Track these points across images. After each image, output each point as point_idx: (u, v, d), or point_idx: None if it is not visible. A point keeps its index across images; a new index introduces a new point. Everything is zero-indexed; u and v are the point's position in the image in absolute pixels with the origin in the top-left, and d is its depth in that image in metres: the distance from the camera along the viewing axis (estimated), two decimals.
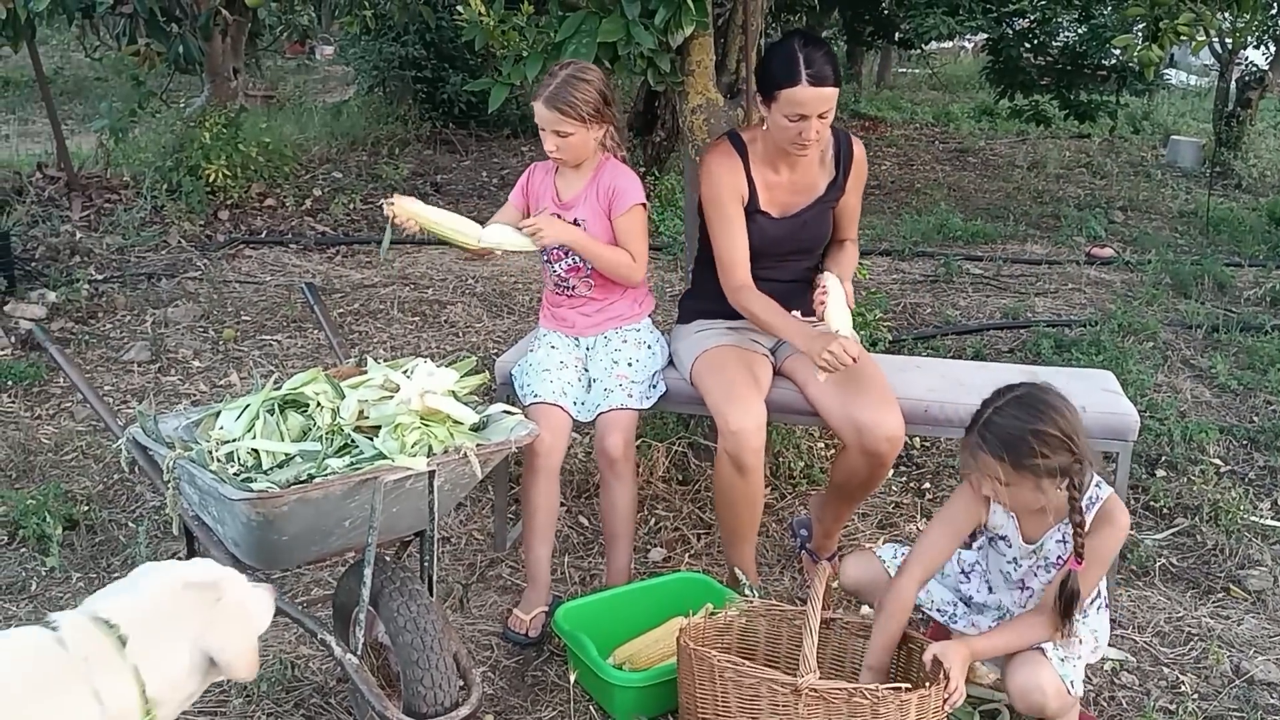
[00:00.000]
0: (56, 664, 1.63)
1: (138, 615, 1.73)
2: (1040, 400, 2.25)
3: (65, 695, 1.61)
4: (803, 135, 2.81)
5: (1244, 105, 9.82)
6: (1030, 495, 2.28)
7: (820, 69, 2.74)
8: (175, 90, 8.79)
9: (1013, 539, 2.44)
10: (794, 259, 3.09)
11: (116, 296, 5.58)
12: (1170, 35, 4.77)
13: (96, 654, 1.66)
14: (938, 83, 16.60)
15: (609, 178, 2.97)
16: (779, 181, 3.01)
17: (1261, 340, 5.16)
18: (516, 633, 2.92)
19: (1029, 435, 2.20)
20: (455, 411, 2.46)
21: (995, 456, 2.23)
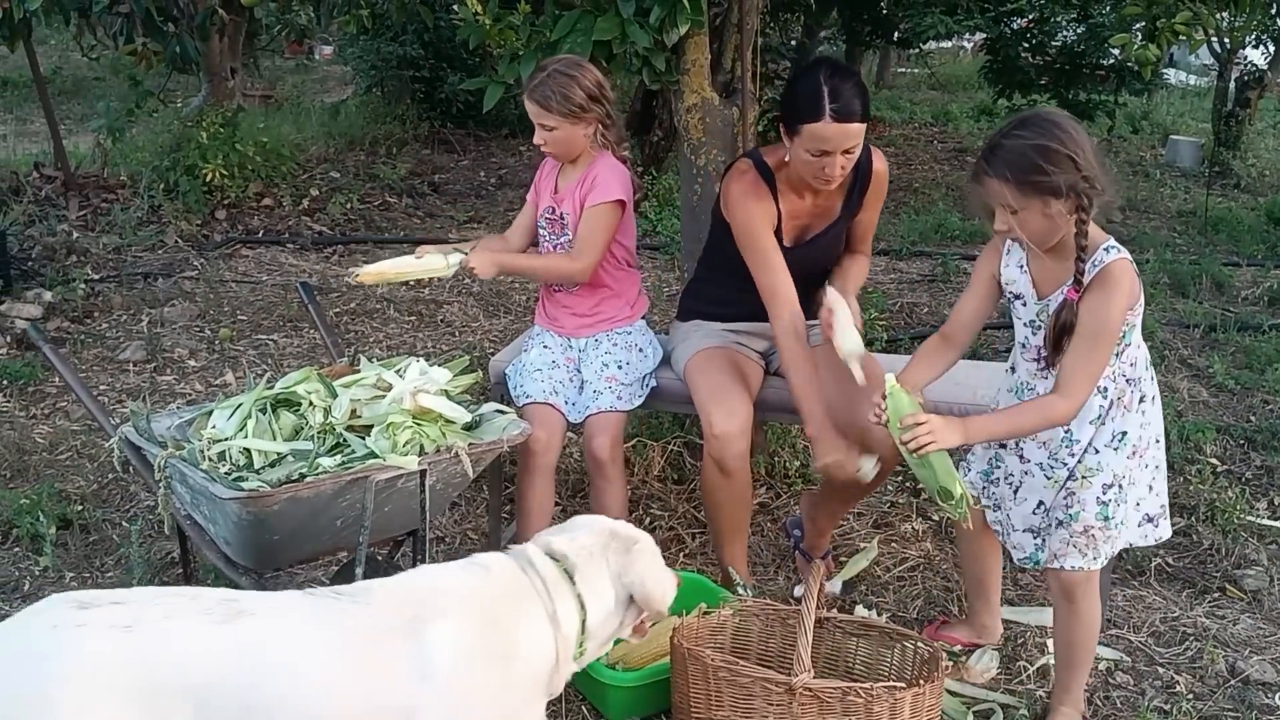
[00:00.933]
0: (522, 582, 1.90)
1: (581, 552, 1.98)
2: (1043, 119, 2.20)
3: (531, 608, 1.88)
4: (826, 171, 2.69)
5: (1243, 105, 9.80)
6: (1040, 221, 2.21)
7: (847, 104, 2.60)
8: (173, 90, 8.79)
9: (1027, 296, 2.36)
10: (807, 280, 2.98)
11: (113, 296, 5.57)
12: (1168, 34, 4.78)
13: (552, 580, 1.93)
14: (937, 82, 16.61)
15: (593, 171, 2.95)
16: (801, 209, 2.91)
17: (1259, 340, 5.15)
18: None
19: (1030, 150, 2.16)
20: (447, 411, 2.46)
21: (1000, 177, 2.19)
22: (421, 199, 8.27)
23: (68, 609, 1.64)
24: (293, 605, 1.77)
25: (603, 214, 2.92)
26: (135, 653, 1.61)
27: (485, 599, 1.86)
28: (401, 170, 8.77)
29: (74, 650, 1.59)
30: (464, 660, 1.78)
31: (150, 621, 1.64)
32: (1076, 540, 2.40)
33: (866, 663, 2.55)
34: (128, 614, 1.64)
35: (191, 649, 1.64)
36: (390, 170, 8.67)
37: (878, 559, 3.30)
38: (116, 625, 1.62)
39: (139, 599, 1.70)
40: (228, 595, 1.75)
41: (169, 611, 1.67)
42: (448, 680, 1.76)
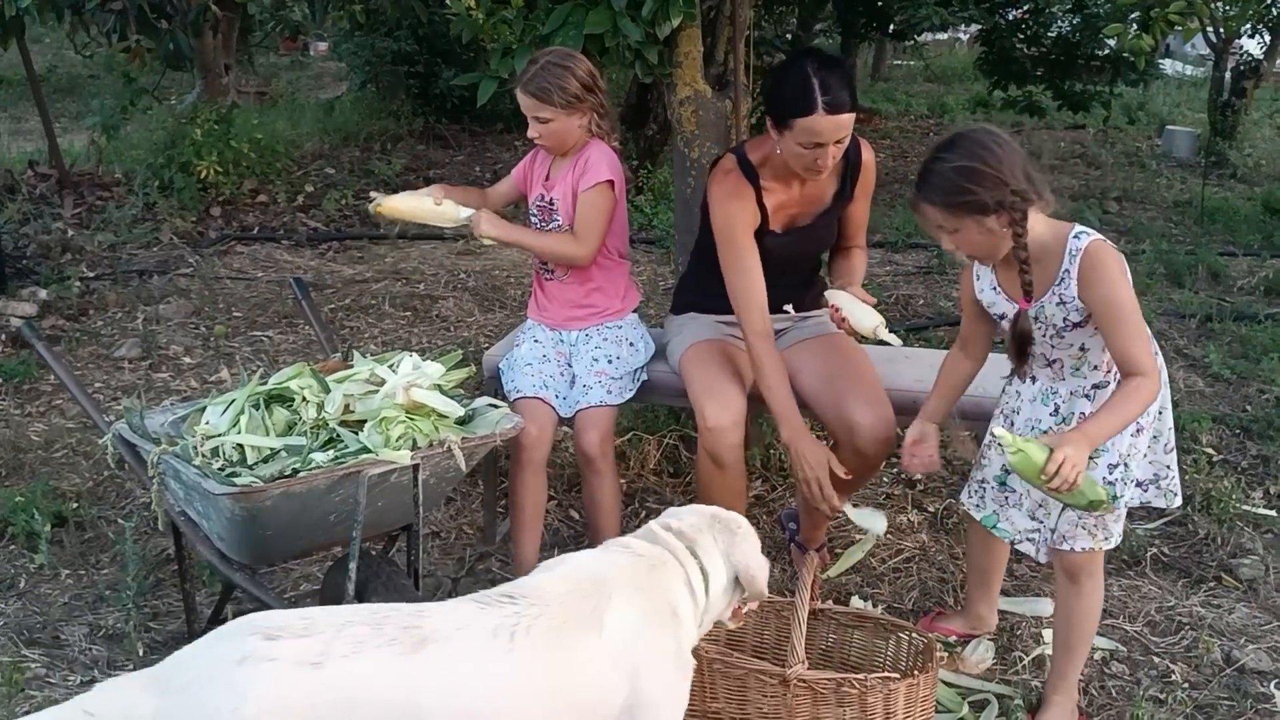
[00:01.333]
0: (662, 554, 2.01)
1: (696, 528, 2.09)
2: (968, 139, 2.23)
3: (675, 576, 1.99)
4: (819, 162, 2.68)
5: (1239, 95, 9.79)
6: (981, 237, 2.25)
7: (837, 95, 2.59)
8: (167, 87, 8.79)
9: (1008, 311, 2.38)
10: (798, 268, 3.03)
11: (108, 294, 5.56)
12: (1162, 24, 4.76)
13: (682, 552, 2.03)
14: (932, 75, 16.60)
15: (585, 156, 2.94)
16: (788, 199, 2.90)
17: (1255, 329, 5.15)
18: None
19: (954, 173, 2.20)
20: (440, 405, 2.45)
21: (929, 203, 2.24)
22: None
23: (256, 640, 1.60)
24: (471, 622, 1.74)
25: (597, 196, 2.91)
26: (326, 693, 1.59)
27: (641, 572, 1.96)
28: (396, 166, 8.76)
29: (263, 690, 1.56)
30: (644, 631, 1.88)
31: (339, 656, 1.60)
32: (1085, 521, 2.39)
33: (861, 654, 2.55)
34: (316, 647, 1.60)
35: (380, 682, 1.62)
36: (385, 166, 8.66)
37: (873, 550, 3.30)
38: (305, 662, 1.59)
39: (325, 625, 1.64)
40: (409, 620, 1.71)
41: (357, 642, 1.63)
42: (635, 653, 1.84)
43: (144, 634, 2.83)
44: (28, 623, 2.92)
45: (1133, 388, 2.21)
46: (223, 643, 1.64)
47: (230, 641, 1.63)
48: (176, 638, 2.84)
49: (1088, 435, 2.17)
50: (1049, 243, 2.28)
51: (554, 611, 1.80)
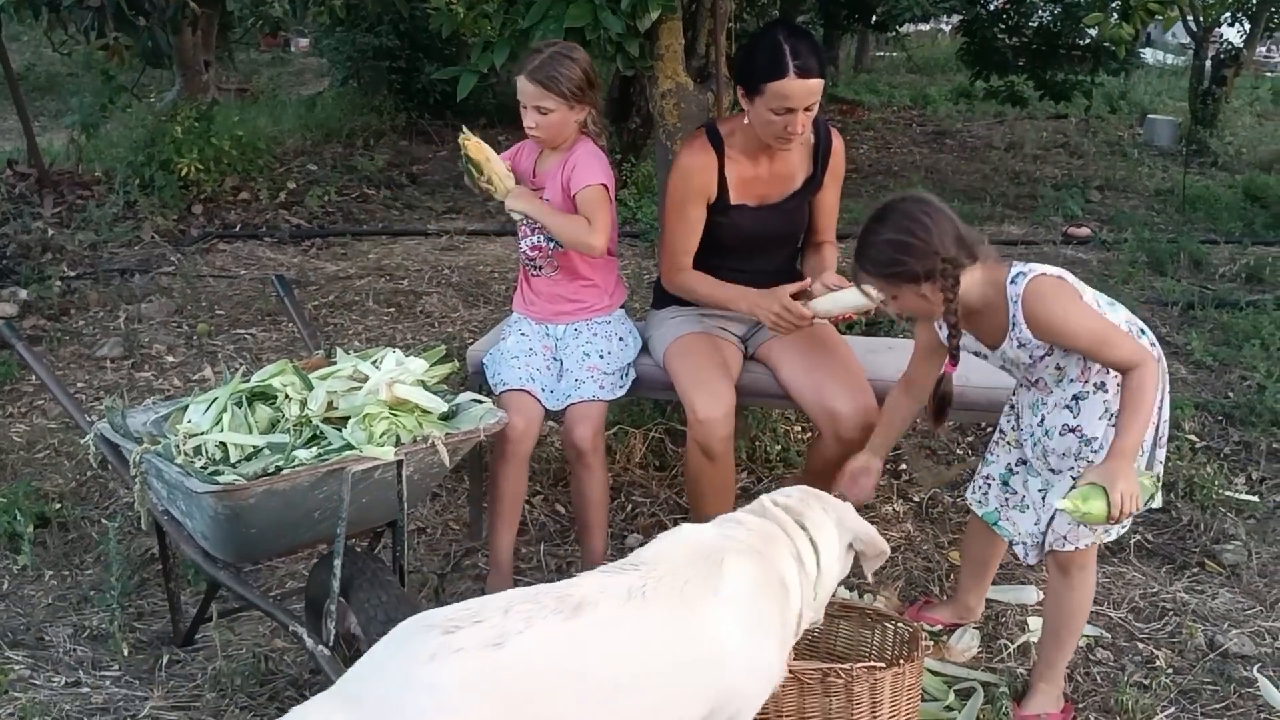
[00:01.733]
0: (772, 529, 2.07)
1: (803, 502, 2.15)
2: (898, 211, 2.30)
3: (785, 550, 2.04)
4: (789, 129, 2.73)
5: (1219, 83, 9.85)
6: (919, 302, 2.33)
7: (807, 61, 2.66)
8: (147, 85, 8.74)
9: (984, 351, 2.46)
10: (771, 252, 3.05)
11: (89, 293, 5.53)
12: (1142, 13, 4.78)
13: (791, 526, 2.09)
14: (915, 66, 16.62)
15: (576, 155, 2.93)
16: (757, 174, 2.93)
17: (1236, 316, 5.18)
18: None
19: (886, 246, 2.28)
20: (423, 401, 2.45)
21: (868, 274, 2.35)
22: (400, 190, 8.23)
23: (437, 635, 1.67)
24: (611, 586, 1.84)
25: (598, 195, 2.89)
26: (512, 669, 1.67)
27: (754, 543, 2.02)
28: (379, 162, 8.73)
29: (462, 678, 1.64)
30: (753, 596, 1.94)
31: (515, 634, 1.69)
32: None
33: (848, 644, 2.56)
34: (493, 629, 1.69)
35: (552, 649, 1.72)
36: (368, 162, 8.63)
37: None
38: (488, 644, 1.67)
39: (491, 611, 1.73)
40: (560, 591, 1.81)
41: (525, 618, 1.72)
42: (743, 617, 1.91)
43: (129, 634, 2.82)
44: (11, 624, 2.90)
45: (1135, 384, 2.24)
46: (404, 647, 1.69)
47: (412, 643, 1.69)
48: (162, 637, 2.83)
49: (1124, 454, 2.21)
50: (991, 294, 2.35)
51: (674, 574, 1.89)
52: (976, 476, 2.70)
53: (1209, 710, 2.61)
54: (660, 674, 1.81)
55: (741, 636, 1.90)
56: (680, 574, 1.89)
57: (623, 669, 1.76)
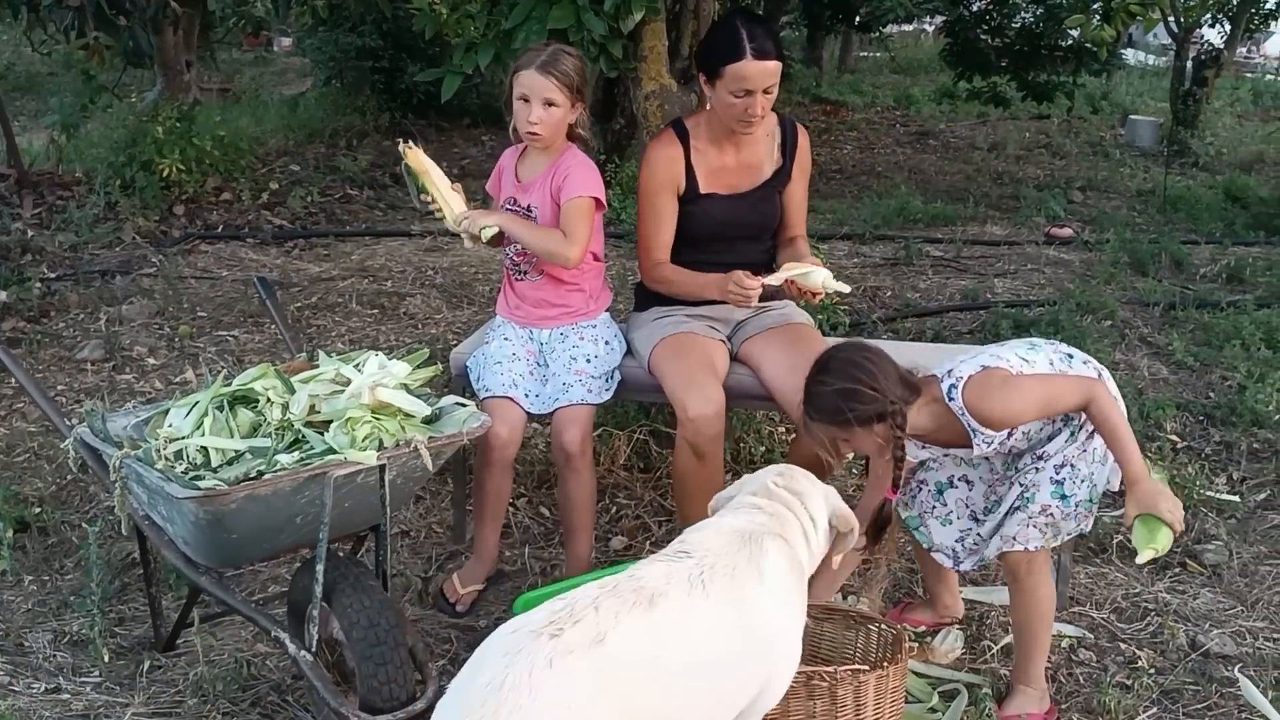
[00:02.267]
0: (784, 509, 2.11)
1: (798, 482, 2.18)
2: (842, 360, 2.41)
3: (795, 528, 2.10)
4: (749, 111, 2.82)
5: (1200, 84, 9.90)
6: (871, 441, 2.39)
7: (763, 43, 2.77)
8: (128, 84, 8.68)
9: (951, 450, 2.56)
10: (743, 242, 3.07)
11: (69, 295, 5.49)
12: (1123, 14, 4.81)
13: (797, 506, 2.13)
14: (898, 66, 16.66)
15: (565, 165, 2.92)
16: (724, 164, 2.99)
17: (1217, 317, 5.20)
18: (447, 600, 3.00)
19: (834, 396, 2.36)
20: (407, 404, 2.43)
21: (819, 422, 2.41)
22: (383, 191, 8.20)
23: (546, 641, 1.71)
24: (674, 574, 1.90)
25: (583, 207, 2.89)
26: (614, 662, 1.74)
27: (778, 525, 2.08)
28: (362, 162, 8.70)
29: (586, 679, 1.70)
30: (788, 579, 2.03)
31: (610, 629, 1.76)
32: (1036, 520, 2.45)
33: (832, 646, 2.56)
34: (592, 628, 1.75)
35: (640, 641, 1.78)
36: (351, 162, 8.60)
37: None
38: (592, 641, 1.73)
39: (583, 609, 1.78)
40: (633, 584, 1.86)
41: (614, 614, 1.78)
42: (783, 600, 2.00)
43: (109, 639, 2.80)
44: None
45: (1099, 415, 2.36)
46: (514, 659, 1.70)
47: (524, 654, 1.71)
48: (143, 643, 2.81)
49: (1140, 477, 2.32)
50: (940, 412, 2.43)
51: (725, 561, 1.95)
52: (911, 479, 2.71)
53: (1191, 710, 2.62)
54: (723, 659, 1.88)
55: (782, 620, 1.99)
56: (729, 561, 1.96)
57: (695, 656, 1.84)
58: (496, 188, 3.10)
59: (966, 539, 2.64)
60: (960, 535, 2.65)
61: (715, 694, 1.88)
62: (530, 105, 2.85)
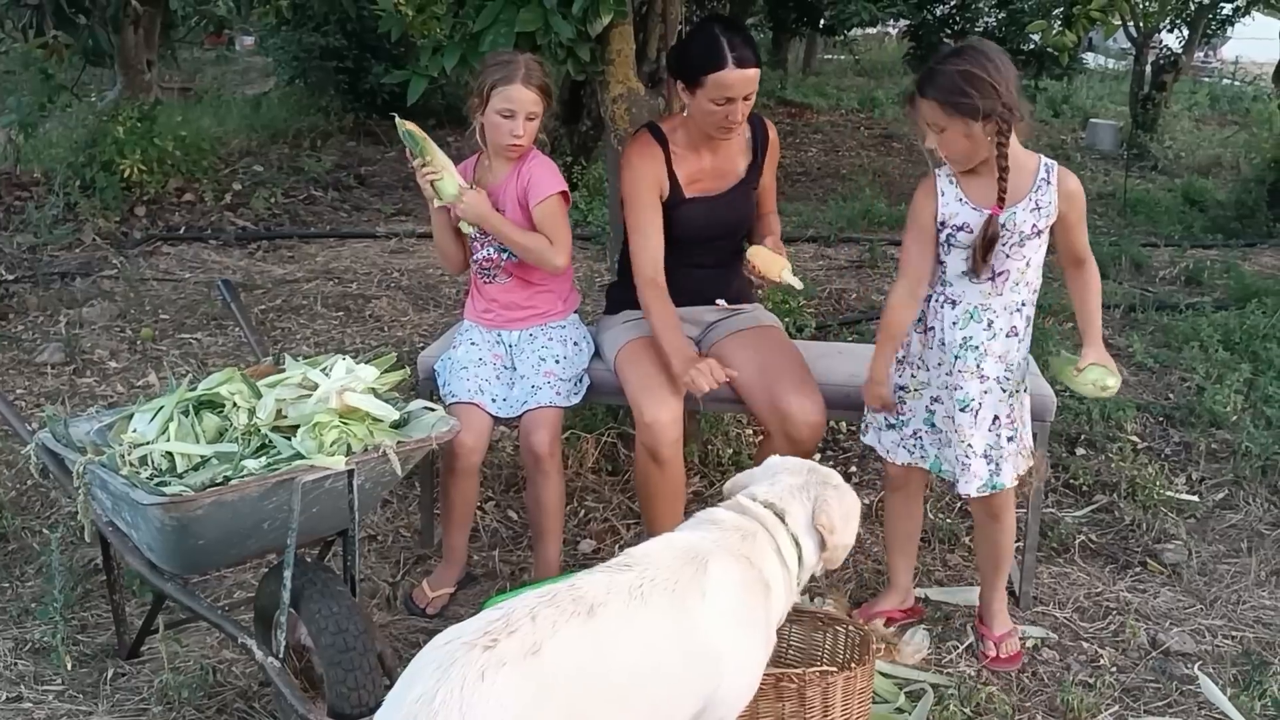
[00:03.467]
0: (750, 525, 2.09)
1: (786, 495, 2.17)
2: (975, 49, 2.49)
3: (765, 546, 2.08)
4: (729, 118, 2.82)
5: (1159, 88, 10.05)
6: (963, 142, 2.47)
7: (743, 52, 2.77)
8: (87, 83, 8.55)
9: (973, 221, 2.57)
10: (719, 242, 3.09)
11: (28, 297, 5.42)
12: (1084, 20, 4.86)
13: (771, 522, 2.11)
14: (862, 69, 16.77)
15: (529, 167, 2.94)
16: (701, 167, 3.00)
17: (1176, 319, 5.29)
18: (416, 605, 3.00)
19: (956, 75, 2.42)
20: (375, 409, 2.43)
21: (927, 99, 2.47)
22: (348, 192, 8.16)
23: (480, 653, 1.69)
24: (614, 585, 1.88)
25: (553, 206, 2.92)
26: (551, 672, 1.72)
27: (733, 543, 2.05)
28: (326, 163, 8.65)
29: (516, 691, 1.67)
30: (739, 597, 1.99)
31: (547, 639, 1.74)
32: (1023, 450, 2.69)
33: (799, 648, 2.58)
34: (528, 637, 1.73)
35: (578, 650, 1.77)
36: (315, 163, 8.54)
37: None
38: (528, 652, 1.71)
39: (519, 619, 1.75)
40: (571, 593, 1.84)
41: (551, 623, 1.77)
42: (731, 618, 1.96)
43: (72, 647, 2.76)
44: None
45: (1092, 275, 2.67)
46: (447, 671, 1.68)
47: (458, 666, 1.68)
48: (106, 650, 2.78)
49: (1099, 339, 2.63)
50: (1022, 159, 2.54)
51: (665, 575, 1.93)
52: (902, 440, 2.80)
53: (1152, 708, 2.66)
54: (661, 672, 1.86)
55: (730, 638, 1.95)
56: (672, 575, 1.93)
57: (632, 667, 1.83)
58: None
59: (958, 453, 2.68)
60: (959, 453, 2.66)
61: (654, 707, 1.86)
62: (515, 120, 2.85)
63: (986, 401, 2.62)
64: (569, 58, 3.38)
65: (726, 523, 2.10)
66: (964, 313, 2.63)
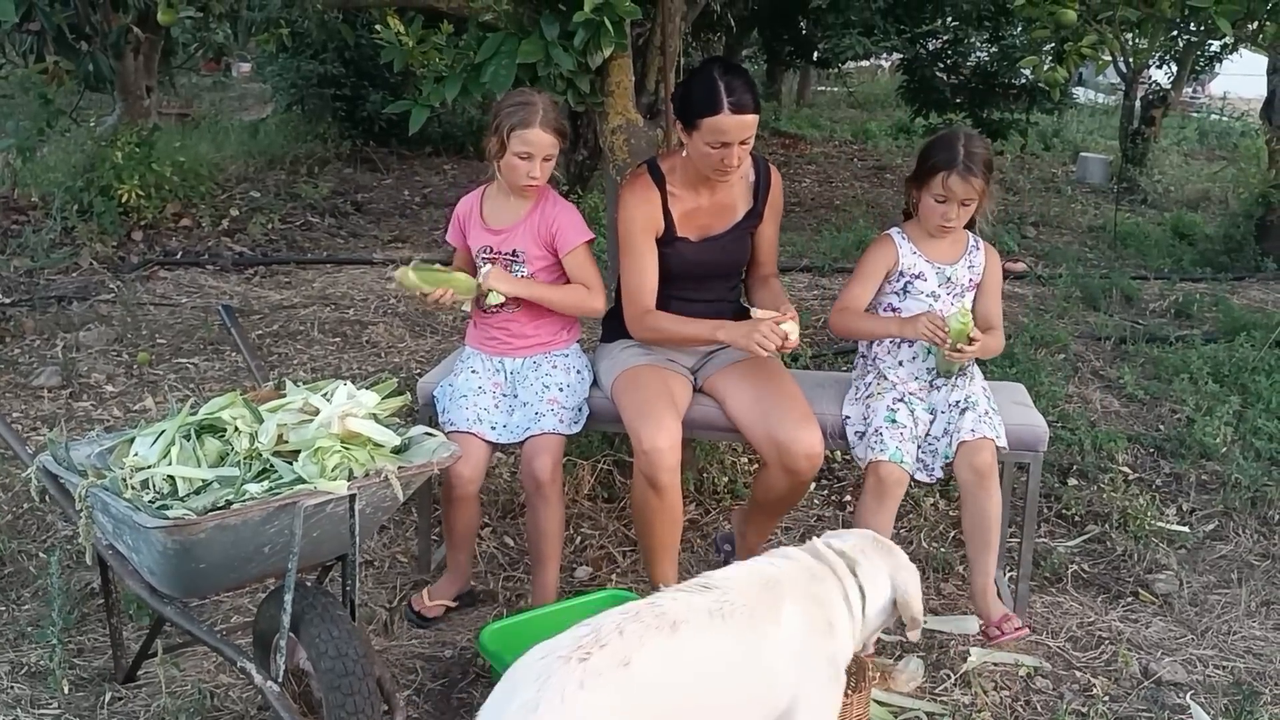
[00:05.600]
0: (822, 569, 2.18)
1: (858, 549, 2.24)
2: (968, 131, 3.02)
3: (834, 590, 2.15)
4: (725, 162, 2.84)
5: (1148, 123, 10.16)
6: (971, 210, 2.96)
7: (741, 97, 2.77)
8: (86, 108, 8.60)
9: (927, 273, 3.01)
10: (714, 282, 3.12)
11: (25, 320, 5.43)
12: (1075, 57, 4.93)
13: (841, 569, 2.19)
14: (855, 101, 16.91)
15: (551, 211, 2.99)
16: (698, 206, 3.02)
17: (1166, 351, 5.33)
18: (413, 610, 3.06)
19: (989, 153, 2.93)
20: (376, 434, 2.44)
21: (975, 176, 2.88)
22: (344, 218, 8.20)
23: (575, 665, 1.79)
24: (694, 605, 1.98)
25: (586, 253, 3.03)
26: (639, 685, 1.83)
27: (805, 581, 2.13)
28: (324, 189, 8.68)
29: (611, 700, 1.79)
30: (808, 636, 2.06)
31: (635, 652, 1.84)
32: (987, 418, 2.92)
33: None
34: (619, 650, 1.83)
35: (661, 664, 1.86)
36: (312, 189, 8.58)
37: None
38: (619, 664, 1.82)
39: (607, 632, 1.86)
40: (654, 610, 1.94)
41: (638, 636, 1.87)
42: (802, 654, 2.04)
43: (69, 671, 2.77)
44: None
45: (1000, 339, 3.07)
46: (546, 682, 1.78)
47: (555, 678, 1.78)
48: (103, 674, 2.79)
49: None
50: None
51: (744, 600, 2.01)
52: (867, 436, 2.97)
53: None
54: (735, 689, 1.95)
55: (794, 676, 2.02)
56: (749, 600, 2.02)
57: (710, 683, 1.92)
58: (460, 238, 3.12)
59: (923, 447, 2.97)
60: (918, 442, 2.96)
61: None
62: (533, 161, 2.90)
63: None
64: (569, 89, 3.43)
65: (801, 562, 2.18)
66: (921, 348, 3.03)
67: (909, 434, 2.94)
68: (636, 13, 3.28)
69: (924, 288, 3.02)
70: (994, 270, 3.10)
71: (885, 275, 3.05)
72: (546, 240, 2.99)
